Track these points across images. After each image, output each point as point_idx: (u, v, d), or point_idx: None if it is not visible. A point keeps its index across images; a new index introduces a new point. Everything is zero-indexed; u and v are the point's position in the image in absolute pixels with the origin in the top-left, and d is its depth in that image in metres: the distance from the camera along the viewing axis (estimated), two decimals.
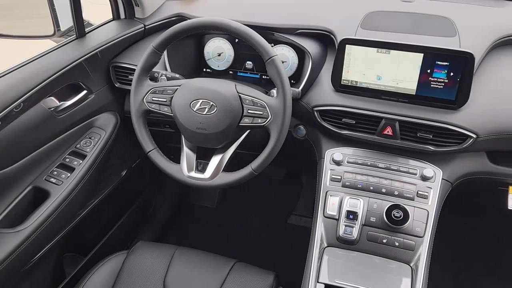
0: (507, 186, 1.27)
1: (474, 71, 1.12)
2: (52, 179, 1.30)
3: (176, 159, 1.24)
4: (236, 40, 1.45)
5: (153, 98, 1.19)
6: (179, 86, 1.17)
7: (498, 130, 1.14)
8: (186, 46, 1.46)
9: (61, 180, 1.31)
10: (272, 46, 1.36)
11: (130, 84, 1.24)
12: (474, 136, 1.14)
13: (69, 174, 1.33)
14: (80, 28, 1.39)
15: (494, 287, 1.84)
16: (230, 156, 1.20)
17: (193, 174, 1.19)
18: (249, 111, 1.12)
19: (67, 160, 1.36)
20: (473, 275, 1.89)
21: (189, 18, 1.35)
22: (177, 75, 1.30)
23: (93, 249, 1.68)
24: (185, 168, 1.20)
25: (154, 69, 1.24)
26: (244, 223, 2.22)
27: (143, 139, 1.22)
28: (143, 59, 1.19)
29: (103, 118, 1.49)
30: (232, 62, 1.48)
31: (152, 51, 1.18)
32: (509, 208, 1.26)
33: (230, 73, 1.50)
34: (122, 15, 1.55)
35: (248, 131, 1.21)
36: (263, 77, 1.47)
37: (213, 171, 1.18)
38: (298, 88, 1.27)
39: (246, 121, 1.12)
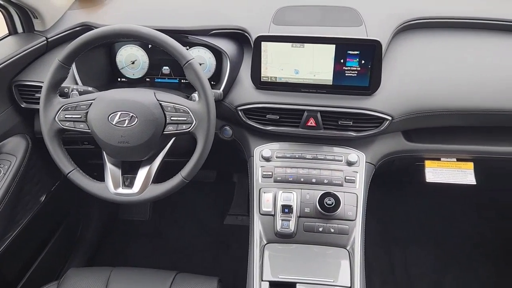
0: (423, 161, 1.37)
1: (383, 57, 1.18)
2: None
3: (100, 177, 1.17)
4: (150, 45, 1.40)
5: (66, 116, 1.11)
6: (94, 99, 1.11)
7: (409, 110, 1.22)
8: (96, 56, 1.38)
9: None
10: (187, 49, 1.34)
11: (38, 103, 1.14)
12: (389, 118, 1.21)
13: None
14: None
15: (424, 255, 1.99)
16: (158, 167, 1.16)
17: (121, 190, 1.13)
18: (172, 118, 1.09)
19: None
20: (403, 247, 2.03)
21: (96, 27, 1.29)
22: (89, 88, 1.23)
23: (17, 285, 1.54)
24: (111, 185, 1.14)
25: (63, 84, 1.16)
26: (180, 232, 2.17)
27: (60, 160, 1.13)
28: (49, 75, 1.10)
29: (12, 143, 1.36)
30: (147, 69, 1.43)
31: (58, 66, 1.10)
32: (427, 181, 1.35)
33: (147, 81, 1.45)
34: (20, 29, 1.42)
35: (173, 138, 1.17)
36: (182, 81, 1.43)
37: (141, 185, 1.13)
38: (219, 89, 1.26)
39: (170, 128, 1.09)
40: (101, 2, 1.52)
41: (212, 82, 1.37)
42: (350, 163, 1.24)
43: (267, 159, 1.26)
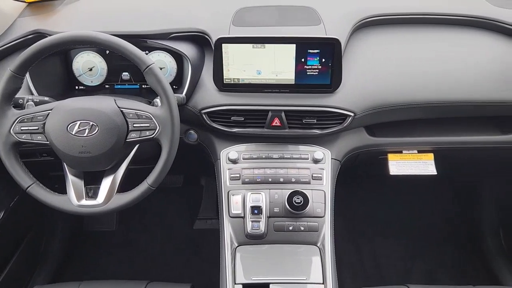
0: (386, 154, 1.41)
1: (343, 55, 1.20)
2: None
3: (62, 189, 1.13)
4: (107, 51, 1.36)
5: (22, 128, 1.06)
6: (51, 110, 1.07)
7: (371, 106, 1.25)
8: (51, 65, 1.33)
9: None
10: (146, 54, 1.31)
11: None
12: (352, 114, 1.23)
13: None
14: None
15: (391, 246, 2.04)
16: (123, 175, 1.13)
17: (84, 202, 1.10)
18: (134, 125, 1.06)
19: None
20: (371, 240, 2.07)
21: (49, 34, 1.24)
22: (46, 98, 1.18)
23: None
24: (73, 197, 1.10)
25: (17, 95, 1.11)
26: (150, 239, 2.13)
27: (17, 174, 1.09)
28: (1, 86, 1.05)
29: None
30: (106, 76, 1.39)
31: (11, 76, 1.05)
32: (390, 173, 1.39)
33: (107, 87, 1.41)
34: None
35: (137, 145, 1.15)
36: (143, 86, 1.41)
37: (106, 195, 1.10)
38: (182, 93, 1.24)
39: (133, 136, 1.07)
40: (53, 8, 1.46)
41: (174, 86, 1.36)
42: (316, 161, 1.26)
43: (234, 161, 1.26)
